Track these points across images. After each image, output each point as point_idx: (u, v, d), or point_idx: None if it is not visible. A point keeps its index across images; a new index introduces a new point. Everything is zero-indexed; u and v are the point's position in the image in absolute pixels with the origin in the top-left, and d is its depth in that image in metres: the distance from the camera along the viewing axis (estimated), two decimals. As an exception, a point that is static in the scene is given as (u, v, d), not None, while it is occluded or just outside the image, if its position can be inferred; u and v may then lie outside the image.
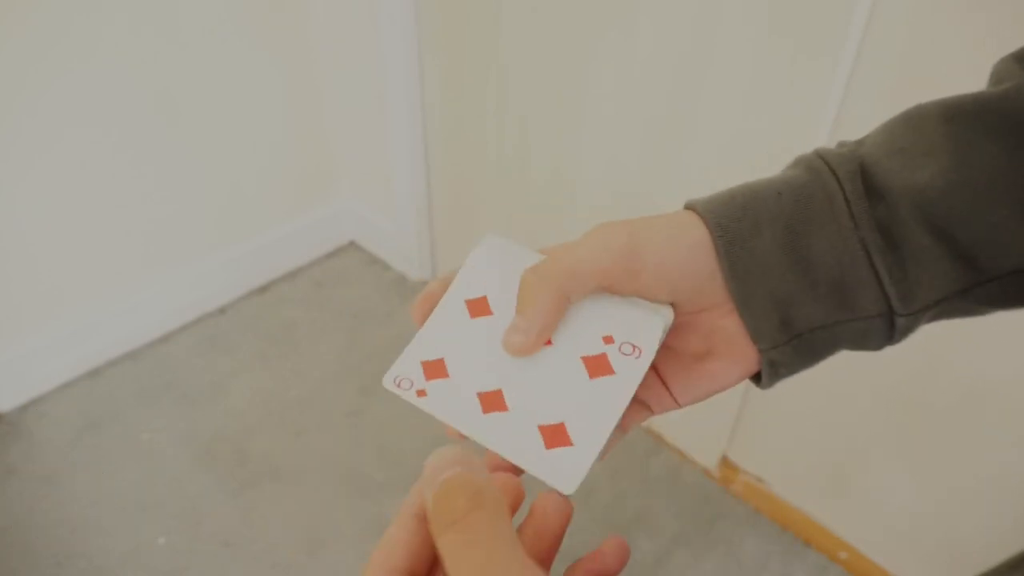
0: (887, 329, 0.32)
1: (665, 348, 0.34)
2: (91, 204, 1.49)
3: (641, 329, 0.32)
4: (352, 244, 2.00)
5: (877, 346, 0.33)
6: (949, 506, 1.14)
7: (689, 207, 0.34)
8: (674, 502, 1.40)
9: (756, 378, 0.35)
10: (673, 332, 0.33)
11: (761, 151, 1.09)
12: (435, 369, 0.34)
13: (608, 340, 0.32)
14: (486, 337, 0.33)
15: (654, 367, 0.34)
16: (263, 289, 1.86)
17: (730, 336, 0.33)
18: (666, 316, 0.32)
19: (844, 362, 1.21)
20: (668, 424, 1.49)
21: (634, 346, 0.31)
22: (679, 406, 0.35)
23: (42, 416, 1.53)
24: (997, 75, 0.34)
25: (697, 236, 0.32)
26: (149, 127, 1.50)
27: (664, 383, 0.35)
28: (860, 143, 0.34)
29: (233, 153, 1.66)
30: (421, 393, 0.34)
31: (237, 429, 1.52)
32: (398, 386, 0.34)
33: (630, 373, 0.31)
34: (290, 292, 1.86)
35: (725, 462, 1.43)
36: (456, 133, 1.59)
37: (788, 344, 0.32)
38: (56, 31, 1.30)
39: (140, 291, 1.64)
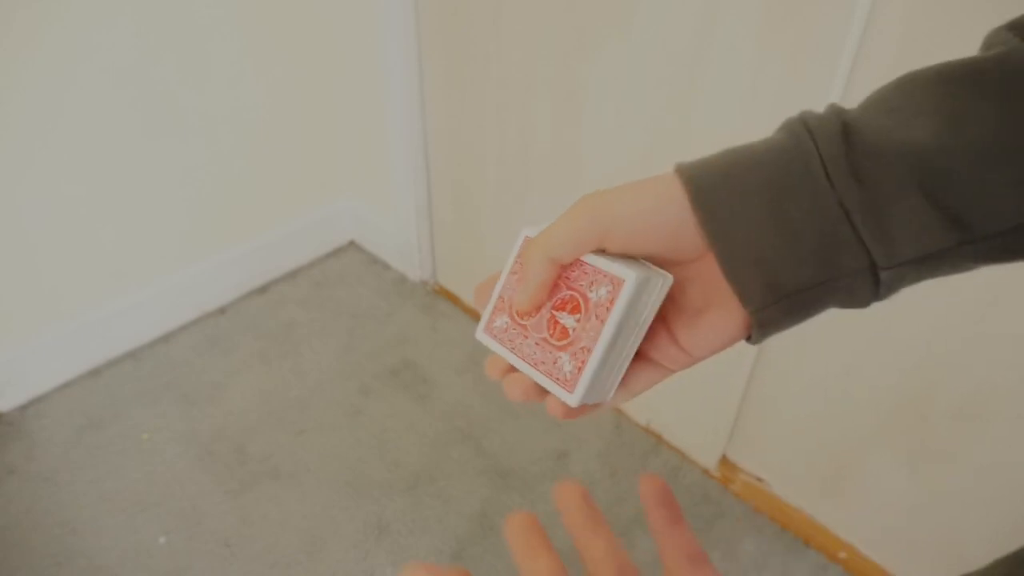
0: (872, 284, 0.33)
1: (671, 302, 0.36)
2: (91, 204, 1.49)
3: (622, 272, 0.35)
4: (352, 244, 2.00)
5: (864, 302, 0.34)
6: (948, 506, 1.14)
7: (676, 171, 0.35)
8: (674, 502, 1.40)
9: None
10: (676, 285, 0.36)
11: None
12: (500, 310, 0.40)
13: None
14: None
15: (665, 324, 0.36)
16: (263, 289, 1.86)
17: (725, 288, 0.34)
18: (644, 274, 0.35)
19: (844, 362, 1.22)
20: (668, 424, 1.49)
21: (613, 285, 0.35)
22: (693, 359, 0.36)
23: (42, 416, 1.53)
24: (989, 42, 0.35)
25: (673, 198, 0.34)
26: (149, 127, 1.50)
27: (674, 339, 0.36)
28: (850, 108, 0.34)
29: (233, 153, 1.66)
30: (488, 331, 0.40)
31: (237, 429, 1.52)
32: (488, 334, 0.40)
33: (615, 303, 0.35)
34: (290, 292, 1.86)
35: (725, 462, 1.43)
36: (456, 133, 1.59)
37: (775, 304, 0.33)
38: (58, 32, 1.30)
39: (140, 291, 1.64)
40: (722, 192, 0.33)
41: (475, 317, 1.78)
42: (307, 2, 1.61)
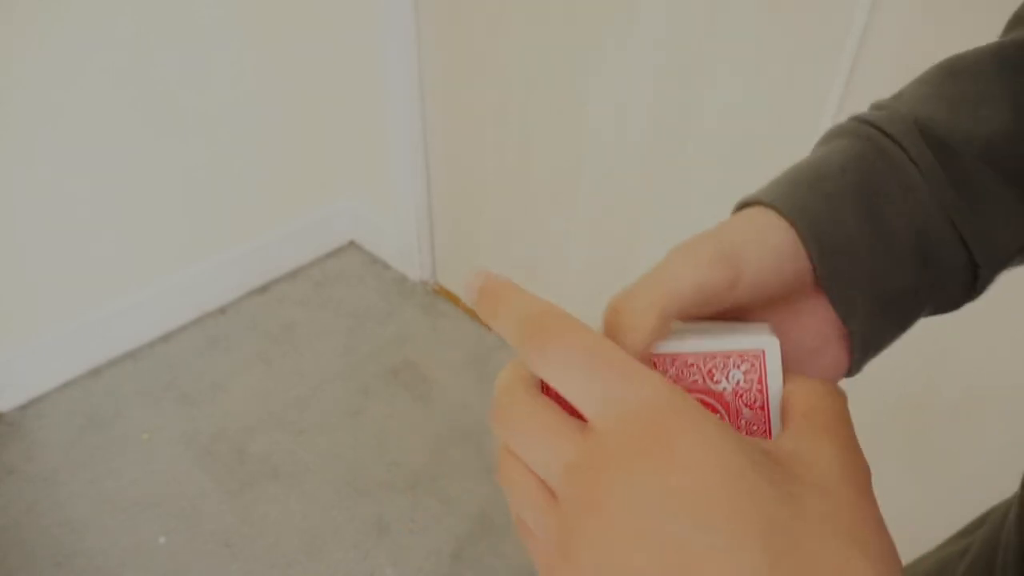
0: (970, 283, 0.32)
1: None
2: (91, 204, 1.49)
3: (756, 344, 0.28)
4: (352, 244, 2.00)
5: (958, 304, 0.33)
6: (949, 506, 1.14)
7: (751, 202, 0.31)
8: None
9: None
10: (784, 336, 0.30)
11: (762, 154, 1.09)
12: None
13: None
14: None
15: None
16: (263, 289, 1.86)
17: (834, 322, 0.31)
18: (772, 338, 0.28)
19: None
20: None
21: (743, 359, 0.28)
22: None
23: (42, 416, 1.53)
24: (1018, 18, 0.34)
25: (780, 231, 0.29)
26: (149, 127, 1.50)
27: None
28: (898, 99, 0.33)
29: (234, 153, 1.66)
30: None
31: (237, 429, 1.52)
32: None
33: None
34: (290, 292, 1.86)
35: (725, 462, 1.42)
36: (456, 133, 1.59)
37: (880, 315, 0.31)
38: (58, 32, 1.30)
39: (140, 291, 1.64)
40: (815, 204, 0.29)
41: (475, 317, 1.78)
42: (307, 2, 1.61)
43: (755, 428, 0.28)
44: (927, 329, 0.33)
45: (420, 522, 1.36)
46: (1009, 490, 1.07)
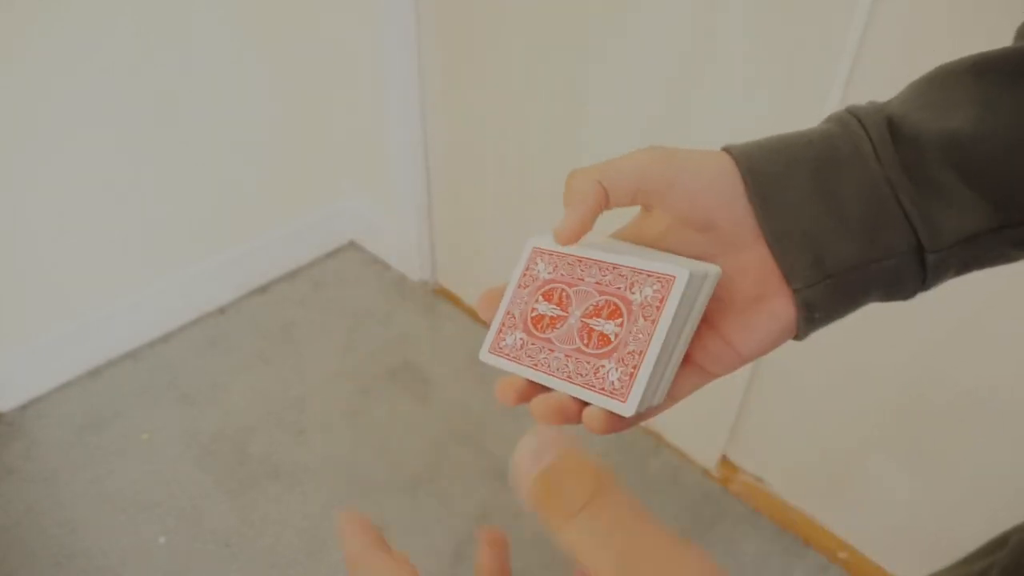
0: (918, 268, 0.33)
1: (716, 300, 0.34)
2: (92, 204, 1.49)
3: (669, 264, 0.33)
4: (352, 244, 2.00)
5: (910, 291, 0.34)
6: (948, 506, 1.14)
7: (724, 149, 0.35)
8: (674, 502, 1.40)
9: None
10: (724, 280, 0.34)
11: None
12: (510, 326, 0.37)
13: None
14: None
15: (709, 324, 0.35)
16: (263, 289, 1.86)
17: (775, 278, 0.34)
18: (699, 266, 0.33)
19: (844, 363, 1.22)
20: (668, 424, 1.49)
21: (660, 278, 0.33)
22: (742, 358, 0.35)
23: (42, 416, 1.53)
24: (1021, 32, 0.36)
25: (727, 168, 0.34)
26: (150, 128, 1.50)
27: (723, 337, 0.35)
28: (888, 101, 0.35)
29: (233, 153, 1.66)
30: (496, 351, 0.37)
31: (237, 429, 1.52)
32: (497, 354, 0.37)
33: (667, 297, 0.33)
34: (290, 292, 1.86)
35: (725, 462, 1.43)
36: (456, 133, 1.59)
37: (821, 283, 0.33)
38: (61, 36, 1.30)
39: (140, 291, 1.64)
40: (771, 166, 0.33)
41: (475, 317, 1.78)
42: (307, 2, 1.61)
43: (641, 336, 0.32)
44: (927, 329, 0.33)
45: (420, 522, 1.36)
46: (1009, 490, 1.07)
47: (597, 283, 0.34)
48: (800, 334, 0.35)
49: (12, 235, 1.41)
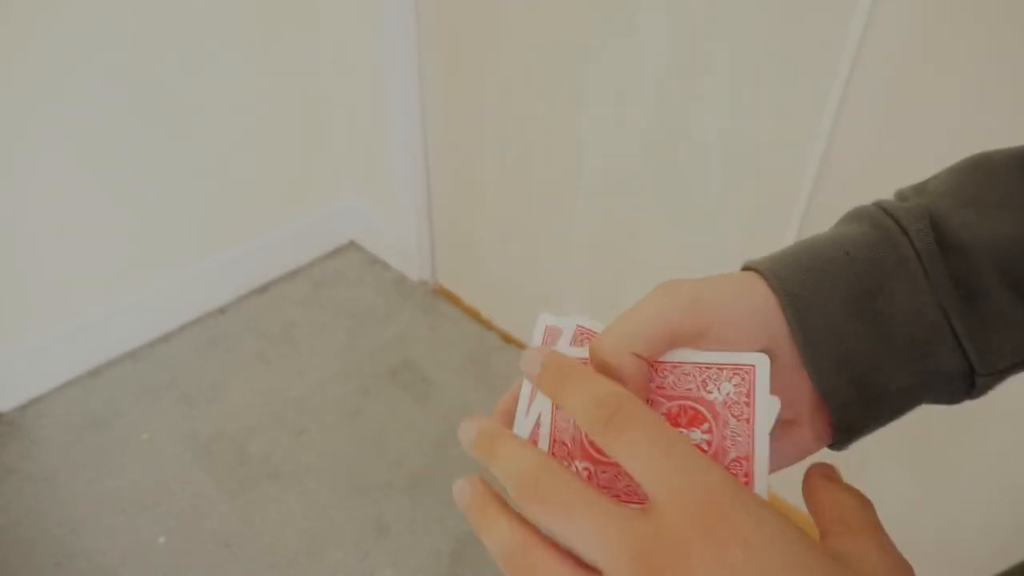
0: (967, 387, 0.31)
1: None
2: (92, 204, 1.49)
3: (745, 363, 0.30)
4: (352, 244, 2.00)
5: (953, 402, 0.32)
6: (949, 507, 1.14)
7: (749, 267, 0.32)
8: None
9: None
10: None
11: (761, 155, 1.09)
12: (563, 456, 0.31)
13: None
14: None
15: None
16: (263, 289, 1.86)
17: (811, 400, 0.31)
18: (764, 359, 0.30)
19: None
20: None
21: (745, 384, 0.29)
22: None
23: (42, 416, 1.53)
24: None
25: (762, 298, 0.31)
26: (150, 128, 1.50)
27: None
28: (921, 192, 0.33)
29: (233, 153, 1.66)
30: None
31: (237, 429, 1.52)
32: None
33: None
34: (290, 292, 1.86)
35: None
36: (456, 133, 1.59)
37: (862, 407, 0.31)
38: (61, 35, 1.30)
39: (140, 291, 1.64)
40: (806, 288, 0.30)
41: (475, 317, 1.78)
42: (307, 2, 1.61)
43: (739, 439, 0.28)
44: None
45: (420, 522, 1.36)
46: (1009, 491, 1.07)
47: (659, 387, 0.30)
48: (837, 448, 0.33)
49: (12, 235, 1.41)
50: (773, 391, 0.29)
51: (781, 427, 0.32)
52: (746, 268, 0.32)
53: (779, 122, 1.05)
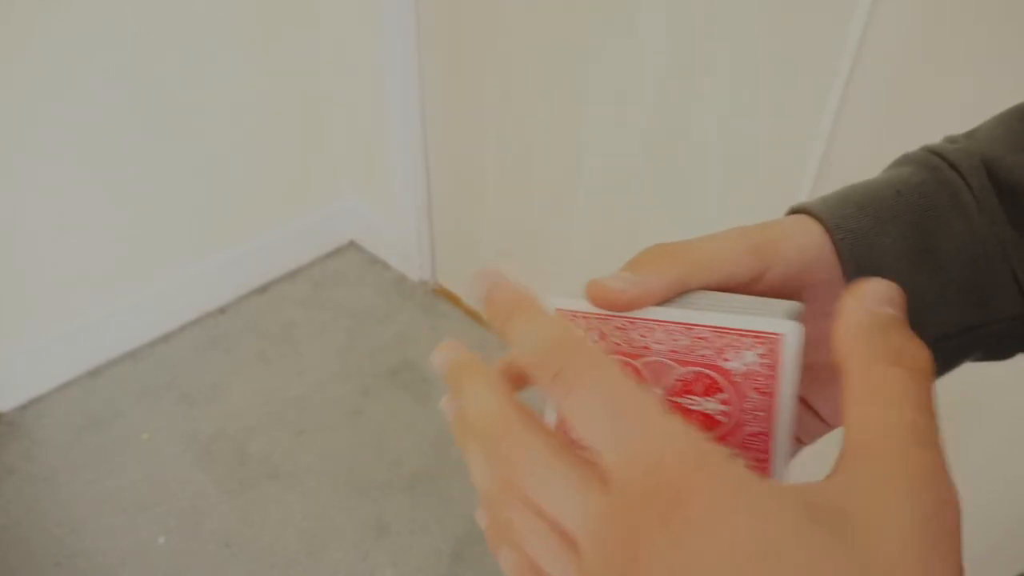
0: (1022, 333, 0.30)
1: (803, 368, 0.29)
2: (91, 205, 1.49)
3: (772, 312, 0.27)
4: (352, 244, 2.00)
5: (1009, 354, 0.31)
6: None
7: (799, 210, 0.31)
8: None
9: None
10: (809, 346, 0.27)
11: (763, 148, 1.09)
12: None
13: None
14: None
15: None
16: (263, 289, 1.86)
17: None
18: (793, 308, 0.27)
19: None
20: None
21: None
22: (829, 427, 0.31)
23: (42, 416, 1.53)
24: None
25: (817, 236, 0.29)
26: (149, 128, 1.50)
27: (807, 406, 0.31)
28: (971, 137, 0.32)
29: (233, 153, 1.66)
30: None
31: (237, 429, 1.52)
32: None
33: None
34: (290, 292, 1.86)
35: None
36: (456, 133, 1.59)
37: None
38: (61, 36, 1.30)
39: (140, 291, 1.64)
40: (859, 222, 0.29)
41: (475, 317, 1.78)
42: (307, 2, 1.61)
43: (760, 413, 0.26)
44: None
45: (420, 522, 1.36)
46: (1008, 490, 1.07)
47: (672, 351, 0.27)
48: None
49: (12, 235, 1.41)
50: (818, 336, 0.26)
51: (827, 377, 0.29)
52: (794, 211, 0.31)
53: (779, 122, 1.05)
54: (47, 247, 1.46)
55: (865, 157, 0.99)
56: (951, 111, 0.90)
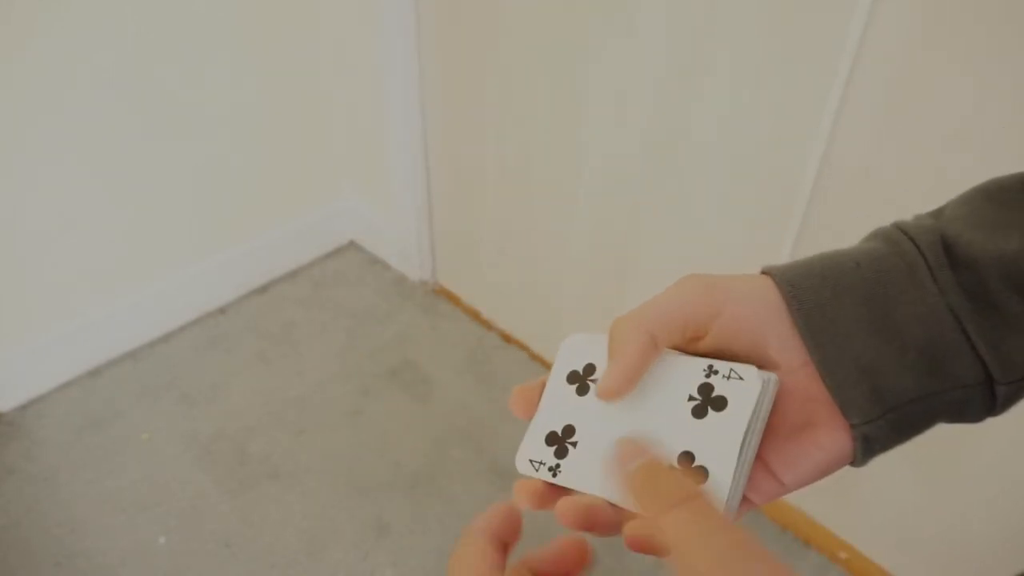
0: (987, 399, 0.31)
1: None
2: (91, 205, 1.49)
3: (739, 368, 0.31)
4: (352, 244, 2.00)
5: (977, 418, 0.32)
6: (949, 506, 1.14)
7: (765, 272, 0.33)
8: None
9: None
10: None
11: (762, 151, 1.09)
12: (561, 442, 0.34)
13: (710, 372, 0.32)
14: (595, 404, 0.34)
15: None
16: (263, 289, 1.86)
17: (829, 403, 0.31)
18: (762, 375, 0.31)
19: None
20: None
21: (738, 374, 0.31)
22: (785, 488, 0.33)
23: (42, 416, 1.53)
24: None
25: (774, 299, 0.32)
26: (149, 127, 1.50)
27: (765, 465, 0.32)
28: (937, 215, 0.33)
29: (233, 153, 1.66)
30: (554, 470, 0.34)
31: (237, 429, 1.52)
32: (535, 470, 0.35)
33: (741, 399, 0.30)
34: (290, 292, 1.86)
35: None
36: (456, 133, 1.59)
37: (882, 418, 0.30)
38: (61, 35, 1.30)
39: (140, 291, 1.64)
40: (817, 294, 0.31)
41: (475, 317, 1.78)
42: (307, 2, 1.61)
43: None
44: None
45: (420, 522, 1.36)
46: (1010, 490, 1.07)
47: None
48: (858, 463, 0.32)
49: (12, 235, 1.41)
50: (784, 393, 0.31)
51: (796, 429, 0.32)
52: (764, 271, 0.33)
53: (779, 122, 1.05)
54: (47, 247, 1.46)
55: (865, 157, 0.99)
56: (951, 111, 0.90)
